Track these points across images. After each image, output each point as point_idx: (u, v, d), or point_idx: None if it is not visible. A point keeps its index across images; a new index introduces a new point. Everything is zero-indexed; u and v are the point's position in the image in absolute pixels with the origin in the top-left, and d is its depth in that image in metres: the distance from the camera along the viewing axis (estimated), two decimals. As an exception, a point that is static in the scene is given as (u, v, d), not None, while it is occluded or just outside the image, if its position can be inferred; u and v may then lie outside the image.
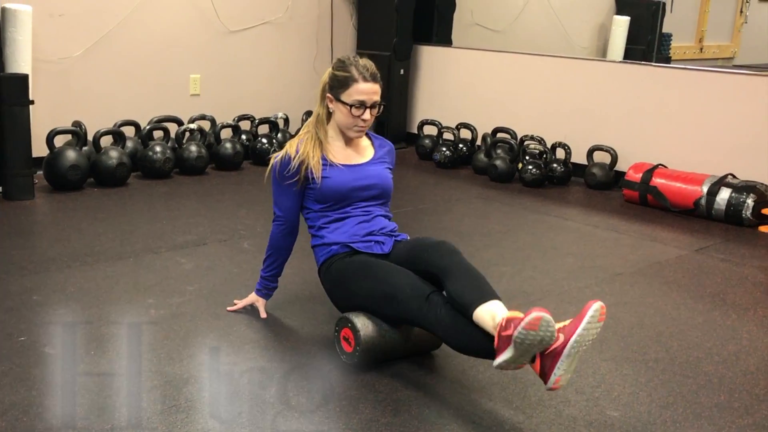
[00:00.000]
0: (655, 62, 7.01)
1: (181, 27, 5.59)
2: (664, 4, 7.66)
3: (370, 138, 2.92)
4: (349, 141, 2.83)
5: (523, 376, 2.57)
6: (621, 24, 7.71)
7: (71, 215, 4.24)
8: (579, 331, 2.12)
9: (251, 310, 3.00)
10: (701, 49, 8.75)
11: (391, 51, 6.22)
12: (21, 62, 4.61)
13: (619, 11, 7.90)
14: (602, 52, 7.89)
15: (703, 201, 4.68)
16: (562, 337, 2.14)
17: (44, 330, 2.78)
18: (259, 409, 2.31)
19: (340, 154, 2.80)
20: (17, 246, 3.68)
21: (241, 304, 3.02)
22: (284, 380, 2.49)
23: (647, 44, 7.61)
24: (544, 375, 2.17)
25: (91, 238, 3.82)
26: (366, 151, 2.87)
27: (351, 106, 2.69)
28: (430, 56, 6.50)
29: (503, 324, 2.20)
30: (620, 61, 6.71)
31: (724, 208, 4.60)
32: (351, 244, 2.72)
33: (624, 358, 2.77)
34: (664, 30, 7.79)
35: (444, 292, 2.44)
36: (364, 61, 2.74)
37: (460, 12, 6.66)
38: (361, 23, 6.50)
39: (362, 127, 2.75)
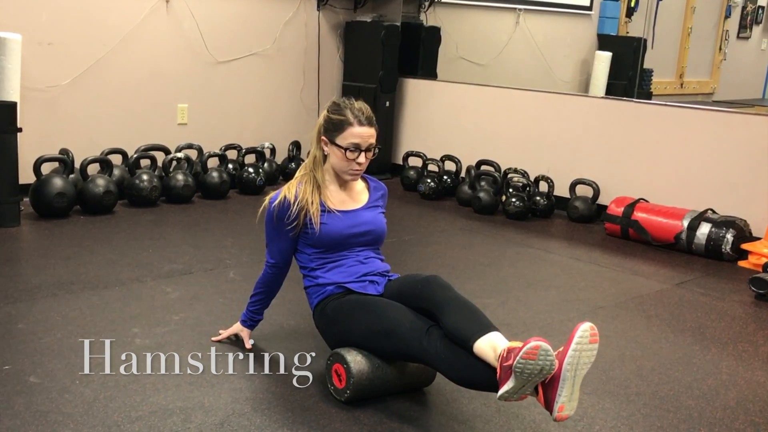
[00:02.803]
0: (637, 97, 7.13)
1: (170, 57, 5.64)
2: (645, 40, 7.80)
3: (365, 180, 2.92)
4: (344, 184, 2.83)
5: (507, 409, 2.59)
6: (603, 59, 7.85)
7: (57, 243, 4.24)
8: (570, 353, 2.15)
9: (236, 340, 3.01)
10: (682, 84, 8.92)
11: (377, 83, 6.29)
12: (9, 90, 4.63)
13: (602, 47, 8.04)
14: (584, 87, 8.01)
15: (683, 235, 4.75)
16: (557, 364, 2.17)
17: (29, 359, 2.77)
18: (244, 441, 2.32)
19: (336, 198, 2.80)
20: (2, 273, 3.67)
21: (225, 334, 3.03)
22: (269, 412, 2.50)
23: (629, 79, 7.74)
24: (548, 405, 2.19)
25: (76, 266, 3.83)
26: (361, 195, 2.87)
27: (346, 149, 2.69)
28: (415, 89, 6.58)
29: (504, 354, 2.21)
30: (602, 97, 6.82)
31: (704, 242, 4.67)
32: (345, 284, 2.72)
33: (605, 392, 2.81)
34: (646, 66, 7.93)
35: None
36: (360, 104, 2.74)
37: (445, 46, 6.76)
38: (348, 56, 6.57)
39: (357, 170, 2.74)
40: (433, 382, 2.72)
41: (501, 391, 2.19)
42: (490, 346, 2.28)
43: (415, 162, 6.29)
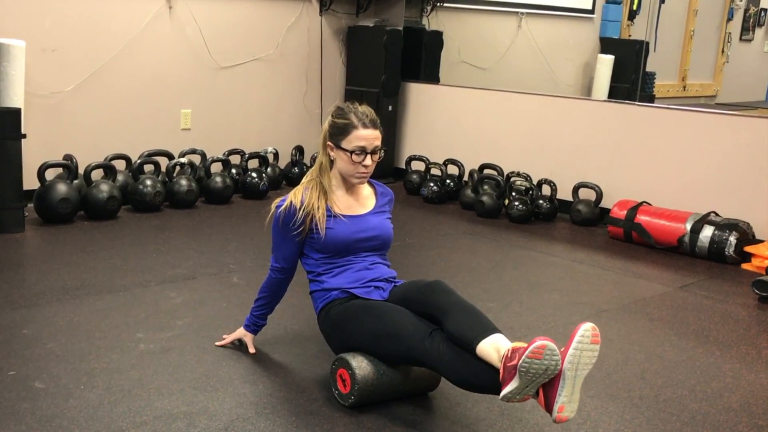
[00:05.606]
0: (639, 100, 7.14)
1: (173, 63, 5.66)
2: (647, 43, 7.81)
3: (372, 186, 2.92)
4: (351, 188, 2.83)
5: (511, 412, 2.60)
6: (605, 62, 7.86)
7: (61, 248, 4.25)
8: (571, 351, 2.15)
9: (240, 345, 3.02)
10: (684, 87, 8.93)
11: (380, 88, 6.31)
12: (13, 96, 4.65)
13: (604, 50, 8.05)
14: (587, 90, 8.03)
15: (686, 238, 4.75)
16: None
17: (34, 364, 2.78)
18: (248, 445, 2.33)
19: (342, 203, 2.80)
20: (7, 279, 3.68)
21: (229, 338, 3.03)
22: (273, 416, 2.50)
23: (631, 82, 7.76)
24: (548, 406, 2.18)
25: (81, 272, 3.84)
26: (368, 200, 2.87)
27: (351, 152, 2.71)
28: (417, 93, 6.59)
29: (508, 354, 2.21)
30: (605, 100, 6.82)
31: (707, 245, 4.67)
32: (350, 290, 2.72)
33: (609, 395, 2.81)
34: (648, 69, 7.95)
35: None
36: (364, 108, 2.76)
37: (447, 50, 6.77)
38: (351, 60, 6.59)
39: (364, 173, 2.75)
40: (438, 387, 2.72)
41: (504, 392, 2.19)
42: (493, 347, 2.28)
43: (418, 166, 6.30)
